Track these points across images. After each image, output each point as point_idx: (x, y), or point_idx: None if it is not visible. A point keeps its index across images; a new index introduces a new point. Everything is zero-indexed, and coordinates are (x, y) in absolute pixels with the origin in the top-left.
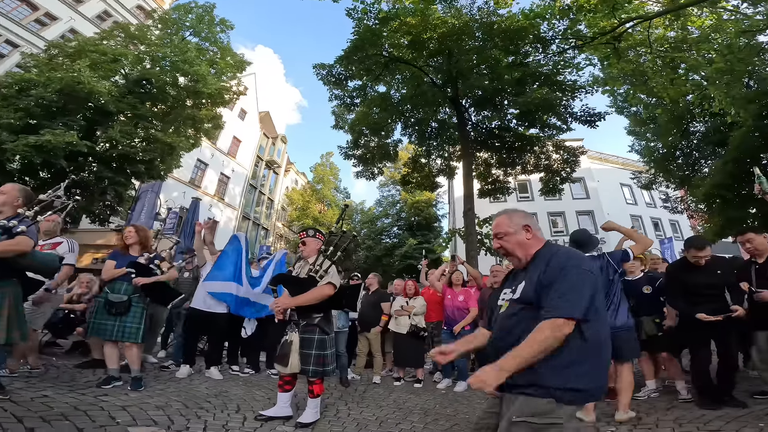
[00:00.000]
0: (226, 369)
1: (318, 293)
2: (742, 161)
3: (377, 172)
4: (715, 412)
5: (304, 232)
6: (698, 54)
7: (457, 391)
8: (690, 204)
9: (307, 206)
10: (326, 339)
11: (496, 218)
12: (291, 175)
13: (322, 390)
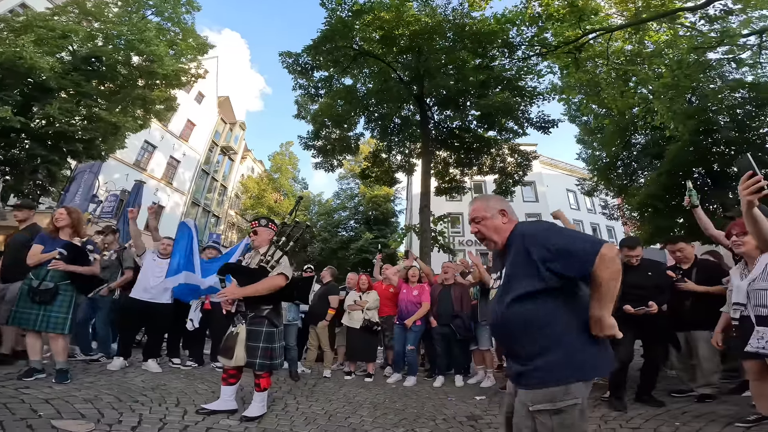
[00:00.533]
0: (165, 362)
1: (268, 284)
2: (675, 174)
3: (337, 165)
4: (638, 410)
5: (256, 221)
6: (650, 68)
7: (407, 385)
8: (625, 212)
9: (263, 195)
10: (275, 332)
11: (473, 203)
12: (248, 163)
13: (269, 384)
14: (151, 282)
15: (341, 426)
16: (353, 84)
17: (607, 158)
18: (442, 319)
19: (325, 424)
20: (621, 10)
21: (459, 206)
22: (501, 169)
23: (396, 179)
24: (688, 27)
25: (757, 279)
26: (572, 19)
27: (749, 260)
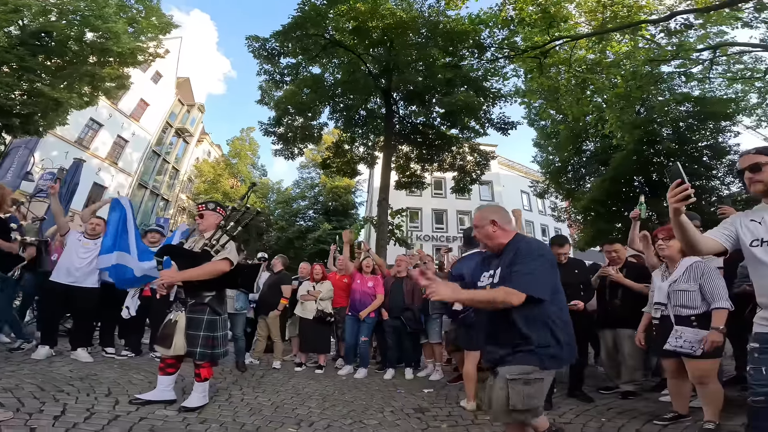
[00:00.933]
0: (98, 351)
1: (210, 268)
2: (618, 181)
3: (297, 153)
4: (569, 405)
5: (203, 204)
6: (607, 78)
7: (358, 377)
8: (571, 214)
9: (219, 180)
10: (217, 320)
11: (475, 212)
12: (204, 146)
13: (210, 374)
14: (76, 263)
15: (288, 417)
16: (321, 73)
17: (560, 162)
18: (393, 311)
19: (270, 414)
20: (590, 20)
21: (418, 201)
22: (460, 167)
23: (357, 171)
24: (648, 39)
25: (678, 280)
26: (543, 25)
27: (671, 263)
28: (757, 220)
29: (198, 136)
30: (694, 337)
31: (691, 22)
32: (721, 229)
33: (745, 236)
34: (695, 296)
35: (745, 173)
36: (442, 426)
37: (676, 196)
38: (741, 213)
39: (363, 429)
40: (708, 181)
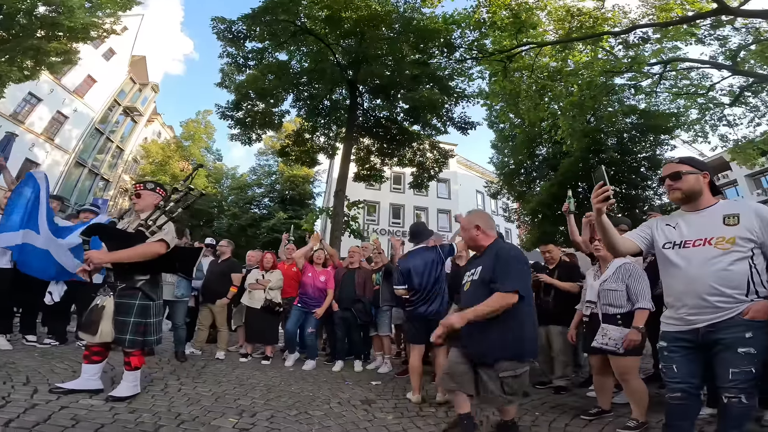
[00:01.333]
0: (19, 339)
1: (143, 250)
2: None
3: (255, 139)
4: None
5: (141, 184)
6: (565, 86)
7: (305, 369)
8: (521, 216)
9: (168, 162)
10: (150, 306)
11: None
12: (154, 127)
13: (142, 362)
14: None
15: (229, 407)
16: (288, 60)
17: (514, 165)
18: (343, 303)
19: (210, 405)
20: (557, 28)
21: (377, 195)
22: (420, 163)
23: (317, 160)
24: (607, 51)
25: (608, 280)
26: (512, 29)
27: (603, 263)
28: (672, 224)
29: (148, 115)
30: (619, 335)
31: (648, 36)
32: (639, 231)
33: (659, 239)
34: (621, 296)
35: (666, 180)
36: (387, 417)
37: (599, 197)
38: (659, 217)
39: (308, 420)
40: (643, 191)
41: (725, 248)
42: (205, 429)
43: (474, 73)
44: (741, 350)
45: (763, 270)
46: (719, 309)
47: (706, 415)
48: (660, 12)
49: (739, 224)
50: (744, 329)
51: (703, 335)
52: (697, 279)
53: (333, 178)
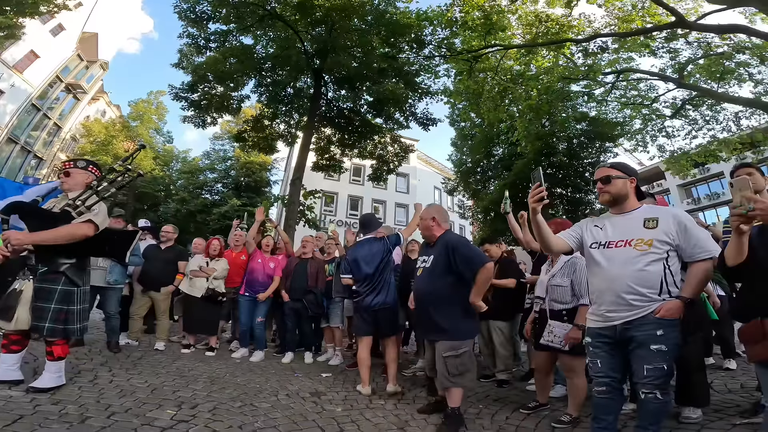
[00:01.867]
0: None
1: (67, 231)
2: (517, 186)
3: (210, 122)
4: None
5: (71, 161)
6: (525, 89)
7: (253, 361)
8: (474, 213)
9: (111, 142)
10: (74, 291)
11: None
12: (99, 105)
13: (66, 352)
14: None
15: (166, 399)
16: (253, 44)
17: (471, 163)
18: (295, 293)
19: (145, 397)
20: (525, 33)
21: (335, 186)
22: (380, 156)
23: (275, 147)
24: (568, 58)
25: (556, 275)
26: (482, 30)
27: (555, 257)
28: (599, 226)
29: (93, 93)
30: (564, 331)
31: (607, 45)
32: (571, 231)
33: (587, 239)
34: (567, 291)
35: (598, 183)
36: (336, 410)
37: (535, 197)
38: (588, 219)
39: (253, 411)
40: (586, 195)
41: (643, 250)
42: (138, 421)
43: (440, 71)
44: (653, 347)
45: (677, 271)
46: (634, 307)
47: (629, 410)
48: (622, 23)
49: (657, 228)
50: (655, 327)
51: (620, 332)
52: (617, 278)
53: (291, 166)
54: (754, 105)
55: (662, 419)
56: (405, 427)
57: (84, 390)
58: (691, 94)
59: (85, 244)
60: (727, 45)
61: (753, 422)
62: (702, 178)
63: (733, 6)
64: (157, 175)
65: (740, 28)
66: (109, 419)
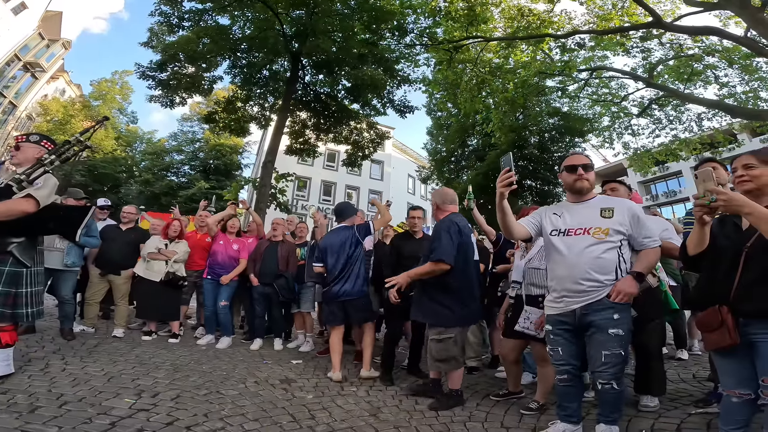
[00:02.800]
0: None
1: (7, 207)
2: (488, 177)
3: (179, 102)
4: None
5: (23, 135)
6: (503, 82)
7: (220, 347)
8: None
9: (69, 121)
10: (23, 273)
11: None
12: (58, 84)
13: (13, 339)
14: None
15: (125, 387)
16: (229, 25)
17: (445, 152)
18: (265, 277)
19: (101, 385)
20: (506, 26)
21: (309, 170)
22: (355, 142)
23: (247, 130)
24: (546, 53)
25: (533, 258)
26: (465, 21)
27: (531, 243)
28: (558, 213)
29: (53, 72)
30: (539, 318)
31: (584, 42)
32: (530, 218)
33: (547, 226)
34: (544, 275)
35: (578, 170)
36: (307, 396)
37: (503, 182)
38: (547, 207)
39: (220, 399)
40: (555, 188)
41: (600, 238)
42: (93, 410)
43: (421, 60)
44: (611, 331)
45: (629, 259)
46: (590, 293)
47: (591, 398)
48: (601, 21)
49: (613, 217)
50: (613, 311)
51: (579, 318)
52: (576, 265)
53: (264, 149)
54: (717, 107)
55: (621, 407)
56: (377, 413)
57: (34, 379)
58: (658, 94)
59: (32, 222)
60: (698, 47)
61: (708, 412)
62: (661, 175)
63: (710, 9)
64: (119, 156)
65: (713, 30)
66: (61, 408)
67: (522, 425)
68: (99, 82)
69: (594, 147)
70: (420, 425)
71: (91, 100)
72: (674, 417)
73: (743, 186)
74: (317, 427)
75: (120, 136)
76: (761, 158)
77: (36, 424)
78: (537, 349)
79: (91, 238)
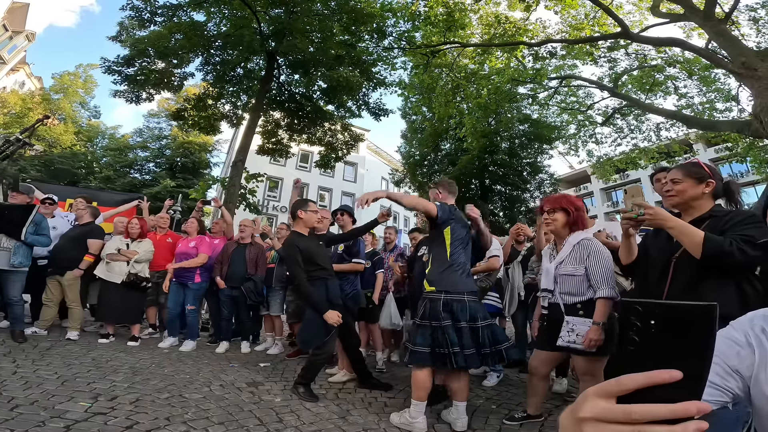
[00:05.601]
0: None
1: None
2: (460, 181)
3: (146, 98)
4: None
5: None
6: (477, 88)
7: (184, 350)
8: None
9: (27, 114)
10: None
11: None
12: (18, 76)
13: None
14: None
15: (80, 391)
16: (204, 21)
17: (419, 156)
18: (233, 280)
19: (54, 389)
20: (483, 33)
21: (281, 171)
22: (329, 144)
23: (218, 128)
24: (519, 60)
25: (564, 262)
26: (443, 27)
27: (558, 240)
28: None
29: (13, 64)
30: (586, 329)
31: (556, 51)
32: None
33: None
34: (581, 281)
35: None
36: (275, 400)
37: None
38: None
39: (183, 403)
40: (523, 193)
41: None
42: (46, 413)
43: (398, 63)
44: None
45: None
46: None
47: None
48: (573, 30)
49: None
50: None
51: None
52: None
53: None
54: (675, 117)
55: None
56: (346, 416)
57: None
58: (621, 104)
59: None
60: (661, 58)
61: None
62: (621, 183)
63: (676, 20)
64: (78, 151)
65: (677, 41)
66: (12, 412)
67: None
68: (61, 75)
69: (561, 154)
70: (389, 427)
71: (51, 93)
72: None
73: (670, 200)
74: (285, 430)
75: (80, 130)
76: (686, 173)
77: None
78: (581, 364)
79: (40, 237)
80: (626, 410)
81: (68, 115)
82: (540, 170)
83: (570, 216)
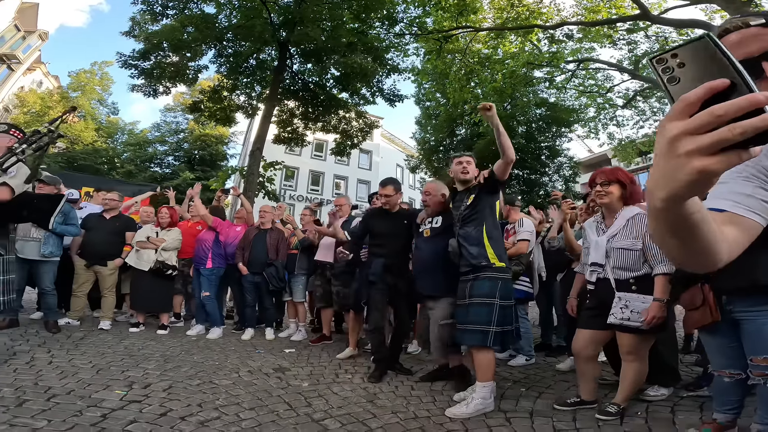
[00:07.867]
0: None
1: None
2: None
3: (163, 91)
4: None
5: None
6: (491, 73)
7: (210, 338)
8: None
9: (47, 112)
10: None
11: (428, 183)
12: (35, 75)
13: None
14: None
15: (115, 379)
16: (216, 13)
17: (434, 142)
18: (254, 266)
19: (90, 378)
20: (495, 17)
21: (296, 160)
22: (344, 131)
23: (233, 119)
24: (534, 44)
25: (618, 235)
26: (455, 11)
27: (609, 214)
28: None
29: (29, 64)
30: (642, 306)
31: (572, 34)
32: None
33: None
34: (636, 256)
35: None
36: (303, 385)
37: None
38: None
39: (213, 389)
40: (541, 177)
41: None
42: (83, 403)
43: (410, 49)
44: None
45: None
46: None
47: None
48: (589, 13)
49: None
50: None
51: None
52: None
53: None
54: None
55: None
56: (374, 399)
57: (20, 372)
58: (643, 86)
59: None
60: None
61: (699, 395)
62: (645, 166)
63: (697, 2)
64: (99, 147)
65: (698, 23)
66: (49, 402)
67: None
68: (77, 74)
69: (580, 137)
70: (418, 410)
71: (69, 92)
72: (667, 400)
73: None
74: (314, 414)
75: (100, 127)
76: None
77: (24, 417)
78: (629, 342)
79: (69, 227)
80: (709, 111)
81: (87, 112)
82: (559, 153)
83: (626, 189)
